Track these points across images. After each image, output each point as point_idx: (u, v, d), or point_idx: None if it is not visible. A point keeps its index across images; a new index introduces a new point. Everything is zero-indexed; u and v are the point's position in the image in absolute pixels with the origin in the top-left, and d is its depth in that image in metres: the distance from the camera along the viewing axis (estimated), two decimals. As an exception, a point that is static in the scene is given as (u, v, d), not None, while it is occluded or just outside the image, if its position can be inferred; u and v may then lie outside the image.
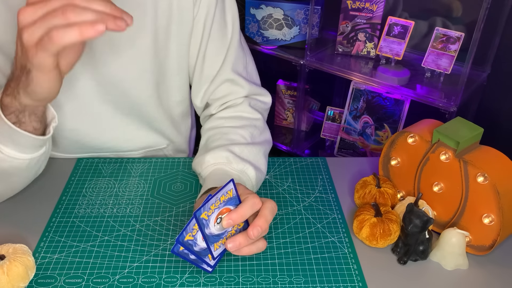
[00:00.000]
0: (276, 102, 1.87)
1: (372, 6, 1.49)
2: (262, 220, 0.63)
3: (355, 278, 0.66)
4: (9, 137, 0.64)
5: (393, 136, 0.78)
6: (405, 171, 0.78)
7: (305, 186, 0.83)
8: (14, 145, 0.65)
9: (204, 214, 0.60)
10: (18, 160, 0.67)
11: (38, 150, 0.69)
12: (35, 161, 0.70)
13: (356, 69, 1.51)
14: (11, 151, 0.65)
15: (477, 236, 0.70)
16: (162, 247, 0.70)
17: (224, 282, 0.65)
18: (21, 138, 0.64)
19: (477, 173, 0.67)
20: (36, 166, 0.72)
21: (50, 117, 0.69)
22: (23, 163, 0.68)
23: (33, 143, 0.66)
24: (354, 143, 1.64)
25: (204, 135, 0.87)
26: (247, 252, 0.64)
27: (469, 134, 0.70)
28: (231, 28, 0.86)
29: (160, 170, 0.86)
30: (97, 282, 0.64)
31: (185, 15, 0.80)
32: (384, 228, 0.69)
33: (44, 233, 0.71)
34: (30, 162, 0.69)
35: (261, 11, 1.64)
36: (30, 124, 0.64)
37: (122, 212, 0.76)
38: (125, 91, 0.82)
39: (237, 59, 0.87)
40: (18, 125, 0.63)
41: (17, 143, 0.65)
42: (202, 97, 0.90)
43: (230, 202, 0.63)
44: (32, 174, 0.74)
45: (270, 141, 0.89)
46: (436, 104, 1.34)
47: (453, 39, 1.34)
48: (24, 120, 0.63)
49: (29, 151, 0.67)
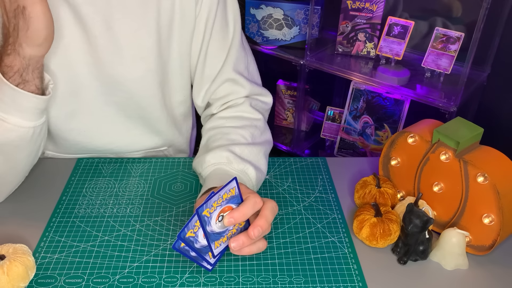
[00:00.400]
0: (276, 102, 1.87)
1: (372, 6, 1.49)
2: (263, 220, 0.63)
3: (355, 278, 0.66)
4: (13, 103, 0.65)
5: (393, 136, 0.78)
6: (405, 171, 0.78)
7: (305, 186, 0.83)
8: (18, 112, 0.67)
9: (206, 211, 0.60)
10: (24, 129, 0.68)
11: (40, 117, 0.71)
12: (38, 131, 0.72)
13: (356, 69, 1.51)
14: (16, 119, 0.67)
15: (477, 236, 0.70)
16: (162, 247, 0.70)
17: (224, 282, 0.65)
18: (24, 100, 0.66)
19: (477, 173, 0.67)
20: (38, 140, 0.73)
21: (46, 79, 0.71)
22: (29, 131, 0.69)
23: (36, 106, 0.68)
24: (354, 143, 1.64)
25: (205, 135, 0.87)
26: (248, 252, 0.64)
27: (469, 134, 0.70)
28: (233, 28, 0.86)
29: (160, 170, 0.86)
30: (97, 282, 0.64)
31: (187, 14, 0.80)
32: (384, 228, 0.69)
33: (44, 233, 0.71)
34: (35, 131, 0.71)
35: (261, 11, 1.64)
36: (33, 82, 0.66)
37: (122, 212, 0.76)
38: (129, 91, 0.82)
39: (238, 59, 0.87)
40: (22, 86, 0.65)
41: (22, 108, 0.67)
42: (203, 96, 0.90)
43: (232, 200, 0.63)
44: (34, 151, 0.75)
45: (270, 141, 0.89)
46: (436, 104, 1.33)
47: (453, 39, 1.34)
48: (28, 77, 0.65)
49: (33, 117, 0.69)
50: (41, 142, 0.76)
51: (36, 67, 0.67)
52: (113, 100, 0.82)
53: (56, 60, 0.75)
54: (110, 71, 0.79)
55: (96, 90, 0.80)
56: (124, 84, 0.81)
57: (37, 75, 0.67)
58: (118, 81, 0.80)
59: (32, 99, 0.67)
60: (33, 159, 0.77)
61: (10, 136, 0.68)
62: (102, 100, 0.82)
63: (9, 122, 0.67)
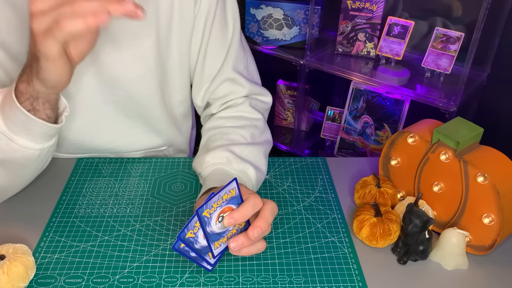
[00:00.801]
0: (276, 102, 1.87)
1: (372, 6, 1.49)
2: (262, 221, 0.63)
3: (355, 278, 0.66)
4: (23, 126, 0.64)
5: (393, 136, 0.78)
6: (405, 171, 0.78)
7: (305, 186, 0.83)
8: (27, 135, 0.66)
9: (206, 212, 0.60)
10: (30, 150, 0.67)
11: (49, 140, 0.70)
12: (45, 152, 0.71)
13: (356, 69, 1.51)
14: (24, 141, 0.66)
15: (477, 236, 0.70)
16: (162, 247, 0.70)
17: (224, 282, 0.65)
18: (35, 126, 0.65)
19: (477, 173, 0.67)
20: (44, 158, 0.73)
21: (62, 106, 0.70)
22: (35, 153, 0.68)
23: (46, 132, 0.67)
24: (354, 143, 1.64)
25: (205, 135, 0.87)
26: (247, 252, 0.64)
27: (469, 134, 0.70)
28: (232, 27, 0.86)
29: (160, 170, 0.86)
30: (97, 282, 0.64)
31: (186, 14, 0.80)
32: (384, 228, 0.69)
33: (44, 233, 0.71)
34: (41, 153, 0.69)
35: (261, 11, 1.64)
36: (44, 112, 0.65)
37: (122, 212, 0.76)
38: (129, 90, 0.82)
39: (238, 58, 0.87)
40: (32, 112, 0.64)
41: (31, 132, 0.66)
42: (203, 96, 0.90)
43: (232, 201, 0.63)
44: (39, 167, 0.75)
45: (270, 141, 0.89)
46: (436, 104, 1.34)
47: (453, 39, 1.34)
48: (38, 107, 0.64)
49: (41, 140, 0.68)
50: (48, 158, 0.75)
51: (47, 100, 0.65)
52: (113, 99, 0.83)
53: None
54: (109, 70, 0.79)
55: (95, 89, 0.80)
56: (123, 83, 0.81)
57: (48, 107, 0.65)
58: (118, 80, 0.80)
59: (42, 126, 0.66)
60: (38, 172, 0.77)
61: (15, 155, 0.67)
62: (101, 100, 0.82)
63: (16, 143, 0.66)
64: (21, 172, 0.72)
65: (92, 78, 0.79)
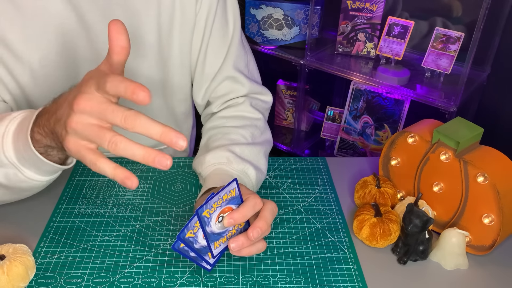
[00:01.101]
0: (276, 102, 1.87)
1: (372, 6, 1.49)
2: (262, 222, 0.63)
3: (355, 278, 0.66)
4: (34, 164, 0.63)
5: (393, 136, 0.78)
6: (405, 171, 0.78)
7: (305, 186, 0.83)
8: (36, 170, 0.64)
9: (206, 212, 0.60)
10: (37, 182, 0.66)
11: (57, 173, 0.69)
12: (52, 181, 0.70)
13: (356, 69, 1.51)
14: (32, 173, 0.65)
15: (477, 236, 0.70)
16: (162, 247, 0.70)
17: (224, 282, 0.65)
18: (45, 166, 0.64)
19: (477, 173, 0.67)
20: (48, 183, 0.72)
21: None
22: (41, 184, 0.68)
23: (55, 170, 0.66)
24: (354, 143, 1.64)
25: (205, 135, 0.87)
26: (247, 253, 0.64)
27: (469, 134, 0.70)
28: (233, 26, 0.86)
29: (160, 170, 0.86)
30: (97, 282, 0.64)
31: (187, 12, 0.80)
32: (384, 228, 0.69)
33: (44, 233, 0.71)
34: (48, 183, 0.69)
35: (261, 11, 1.64)
36: (56, 155, 0.63)
37: (122, 212, 0.76)
38: None
39: (238, 57, 0.88)
40: (45, 156, 0.62)
41: (40, 169, 0.64)
42: (204, 95, 0.90)
43: (232, 201, 0.63)
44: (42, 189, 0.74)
45: (270, 141, 0.89)
46: (436, 104, 1.34)
47: (453, 39, 1.34)
48: (52, 154, 0.62)
49: (49, 174, 0.67)
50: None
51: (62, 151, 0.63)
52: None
53: (57, 58, 0.75)
54: None
55: None
56: None
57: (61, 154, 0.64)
58: None
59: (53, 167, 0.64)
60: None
61: (22, 185, 0.67)
62: None
63: (24, 175, 0.65)
64: (25, 193, 0.72)
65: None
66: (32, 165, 0.64)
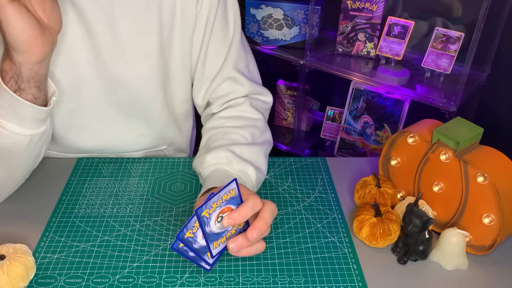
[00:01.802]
0: (276, 102, 1.87)
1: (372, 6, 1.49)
2: (261, 223, 0.63)
3: (355, 278, 0.66)
4: (11, 109, 0.63)
5: (393, 136, 0.78)
6: (405, 171, 0.78)
7: (305, 186, 0.83)
8: (15, 119, 0.65)
9: (206, 212, 0.60)
10: (20, 136, 0.66)
11: (39, 126, 0.69)
12: (36, 140, 0.70)
13: (356, 69, 1.51)
14: (13, 125, 0.65)
15: (477, 236, 0.70)
16: (162, 247, 0.70)
17: (224, 282, 0.65)
18: (22, 108, 0.64)
19: (477, 173, 0.67)
20: (36, 148, 0.72)
21: (51, 91, 0.70)
22: (25, 139, 0.67)
23: (34, 115, 0.66)
24: (354, 143, 1.64)
25: (205, 135, 0.87)
26: (246, 253, 0.64)
27: (469, 134, 0.70)
28: (233, 26, 0.86)
29: (160, 170, 0.86)
30: (97, 282, 0.64)
31: (188, 12, 0.80)
32: (384, 228, 0.69)
33: (44, 233, 0.71)
34: (32, 140, 0.69)
35: (261, 11, 1.64)
36: (30, 90, 0.63)
37: (122, 212, 0.76)
38: (131, 90, 0.82)
39: (238, 57, 0.88)
40: (18, 93, 0.62)
41: (19, 115, 0.64)
42: (204, 95, 0.90)
43: (232, 201, 0.63)
44: (32, 159, 0.74)
45: (270, 141, 0.89)
46: (436, 104, 1.33)
47: (453, 39, 1.34)
48: (23, 86, 0.63)
49: (30, 125, 0.67)
50: (41, 149, 0.75)
51: (31, 76, 0.64)
52: (114, 98, 0.83)
53: (58, 58, 0.75)
54: (112, 69, 0.79)
55: (97, 88, 0.80)
56: (126, 82, 0.81)
57: (33, 85, 0.64)
58: (120, 79, 0.80)
59: (30, 108, 0.65)
60: (33, 165, 0.77)
61: (5, 141, 0.67)
62: (103, 99, 0.82)
63: (4, 128, 0.65)
64: (13, 161, 0.71)
65: (94, 77, 0.79)
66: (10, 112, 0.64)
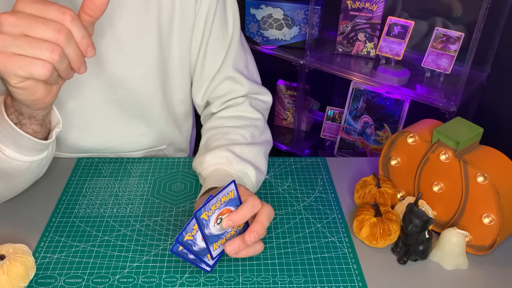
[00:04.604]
0: (276, 102, 1.87)
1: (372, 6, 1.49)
2: (259, 226, 0.63)
3: (355, 278, 0.66)
4: (11, 138, 0.63)
5: (393, 136, 0.78)
6: (405, 171, 0.78)
7: (305, 186, 0.83)
8: (15, 147, 0.64)
9: (205, 215, 0.60)
10: (18, 162, 0.66)
11: (39, 154, 0.68)
12: (36, 164, 0.69)
13: (356, 69, 1.51)
14: (12, 152, 0.65)
15: (477, 236, 0.70)
16: (162, 247, 0.70)
17: (224, 282, 0.65)
18: (22, 140, 0.64)
19: (477, 173, 0.67)
20: (37, 169, 0.72)
21: (55, 122, 0.68)
22: (23, 165, 0.67)
23: (34, 146, 0.66)
24: (354, 143, 1.64)
25: (205, 135, 0.87)
26: (245, 254, 0.64)
27: (469, 134, 0.70)
28: (232, 26, 0.86)
29: (160, 170, 0.86)
30: (97, 282, 0.64)
31: (187, 12, 0.80)
32: (384, 228, 0.69)
33: (44, 233, 0.71)
34: (31, 165, 0.68)
35: (261, 11, 1.64)
36: (30, 126, 0.64)
37: (122, 212, 0.76)
38: (130, 89, 0.82)
39: (237, 57, 0.88)
40: (19, 126, 0.62)
41: (19, 144, 0.64)
42: (203, 95, 0.90)
43: (231, 203, 0.63)
44: (33, 177, 0.74)
45: (270, 141, 0.89)
46: (436, 104, 1.34)
47: (453, 39, 1.34)
48: (24, 122, 0.63)
49: (30, 153, 0.67)
50: (42, 169, 0.74)
51: (32, 116, 0.63)
52: (114, 98, 0.83)
53: None
54: (111, 69, 0.79)
55: (97, 88, 0.80)
56: (125, 82, 0.81)
57: (34, 122, 0.63)
58: (120, 79, 0.80)
59: (30, 140, 0.64)
60: (34, 180, 0.76)
61: (4, 165, 0.66)
62: (102, 98, 0.82)
63: (4, 153, 0.64)
64: (13, 181, 0.71)
65: (94, 77, 0.79)
66: (10, 140, 0.63)
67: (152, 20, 0.78)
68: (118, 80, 0.80)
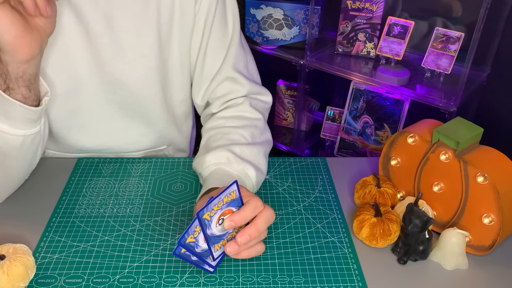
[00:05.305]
0: (276, 102, 1.87)
1: (372, 6, 1.49)
2: (253, 229, 0.62)
3: (355, 278, 0.66)
4: (2, 109, 0.63)
5: (393, 136, 0.78)
6: (405, 171, 0.78)
7: (305, 186, 0.83)
8: (7, 119, 0.64)
9: (207, 215, 0.60)
10: (12, 136, 0.66)
11: (31, 127, 0.68)
12: (29, 141, 0.69)
13: (356, 69, 1.51)
14: (4, 125, 0.64)
15: (477, 236, 0.70)
16: (162, 247, 0.70)
17: (224, 282, 0.65)
18: (12, 108, 0.63)
19: (477, 173, 0.67)
20: (31, 149, 0.71)
21: (43, 91, 0.69)
22: (17, 140, 0.67)
23: (25, 115, 0.65)
24: (354, 143, 1.64)
25: (205, 135, 0.87)
26: (246, 255, 0.64)
27: (469, 134, 0.70)
28: (232, 26, 0.86)
29: (160, 170, 0.86)
30: (97, 282, 0.64)
31: (186, 12, 0.80)
32: (384, 228, 0.69)
33: (44, 233, 0.71)
34: (24, 140, 0.68)
35: (261, 11, 1.64)
36: (19, 90, 0.63)
37: (122, 212, 0.76)
38: (130, 90, 0.82)
39: (237, 57, 0.87)
40: (8, 92, 0.62)
41: (10, 115, 0.64)
42: (203, 95, 0.90)
43: (233, 204, 0.63)
44: (28, 159, 0.73)
45: (270, 141, 0.89)
46: (436, 104, 1.34)
47: (453, 39, 1.34)
48: (12, 85, 0.62)
49: (22, 126, 0.66)
50: (37, 150, 0.74)
51: (19, 75, 0.63)
52: (114, 98, 0.83)
53: (57, 58, 0.75)
54: (111, 69, 0.79)
55: (97, 88, 0.80)
56: (125, 82, 0.81)
57: (22, 84, 0.63)
58: (119, 79, 0.80)
59: (20, 108, 0.64)
60: (29, 167, 0.76)
61: None
62: (102, 99, 0.82)
63: None
64: (8, 163, 0.71)
65: (93, 78, 0.79)
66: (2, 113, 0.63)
67: (151, 20, 0.78)
68: (118, 81, 0.80)
